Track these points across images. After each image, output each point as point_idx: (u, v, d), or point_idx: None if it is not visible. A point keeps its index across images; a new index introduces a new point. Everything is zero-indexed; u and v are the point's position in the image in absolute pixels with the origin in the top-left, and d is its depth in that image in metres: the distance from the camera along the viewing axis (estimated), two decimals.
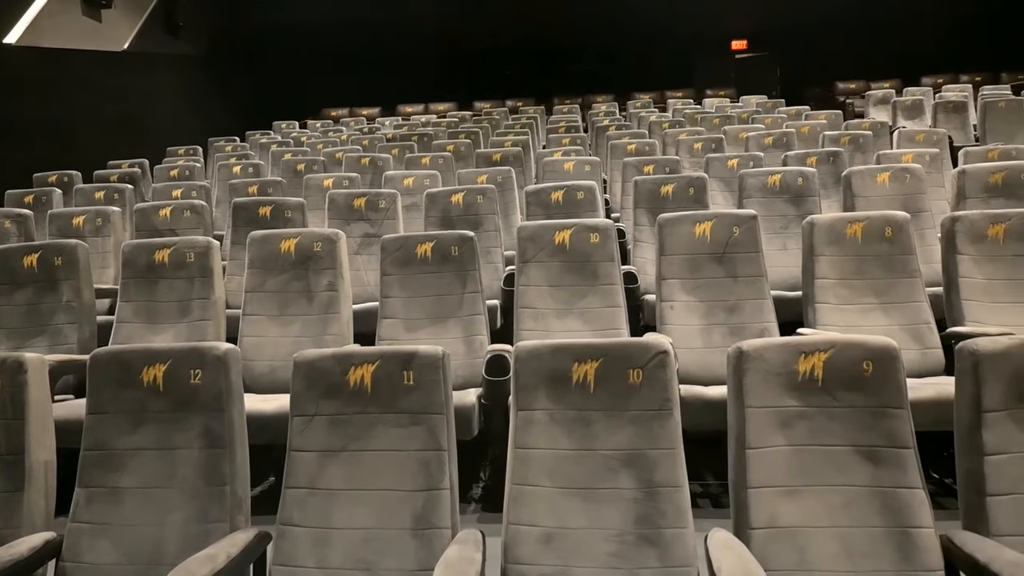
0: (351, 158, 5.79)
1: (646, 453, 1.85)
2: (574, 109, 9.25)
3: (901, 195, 3.86)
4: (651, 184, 3.98)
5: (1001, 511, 1.72)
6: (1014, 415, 1.76)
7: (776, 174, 3.99)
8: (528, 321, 3.01)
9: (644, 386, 1.88)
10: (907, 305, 2.90)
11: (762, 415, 1.83)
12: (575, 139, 6.50)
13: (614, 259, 3.09)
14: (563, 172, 4.94)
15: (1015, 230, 2.98)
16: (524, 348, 1.94)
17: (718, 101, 9.27)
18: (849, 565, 1.71)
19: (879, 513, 1.75)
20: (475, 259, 3.09)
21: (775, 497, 1.78)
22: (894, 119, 7.27)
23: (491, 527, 1.93)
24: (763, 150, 5.37)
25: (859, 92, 9.76)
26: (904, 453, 1.79)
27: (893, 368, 1.82)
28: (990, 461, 1.74)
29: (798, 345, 1.87)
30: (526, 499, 1.85)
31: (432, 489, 1.86)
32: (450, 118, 8.89)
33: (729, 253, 3.01)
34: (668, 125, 6.88)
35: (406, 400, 1.92)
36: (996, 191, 3.84)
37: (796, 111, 7.60)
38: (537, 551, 1.81)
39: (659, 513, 1.80)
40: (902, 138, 5.51)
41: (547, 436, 1.89)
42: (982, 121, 6.60)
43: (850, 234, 2.99)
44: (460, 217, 4.01)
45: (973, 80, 9.63)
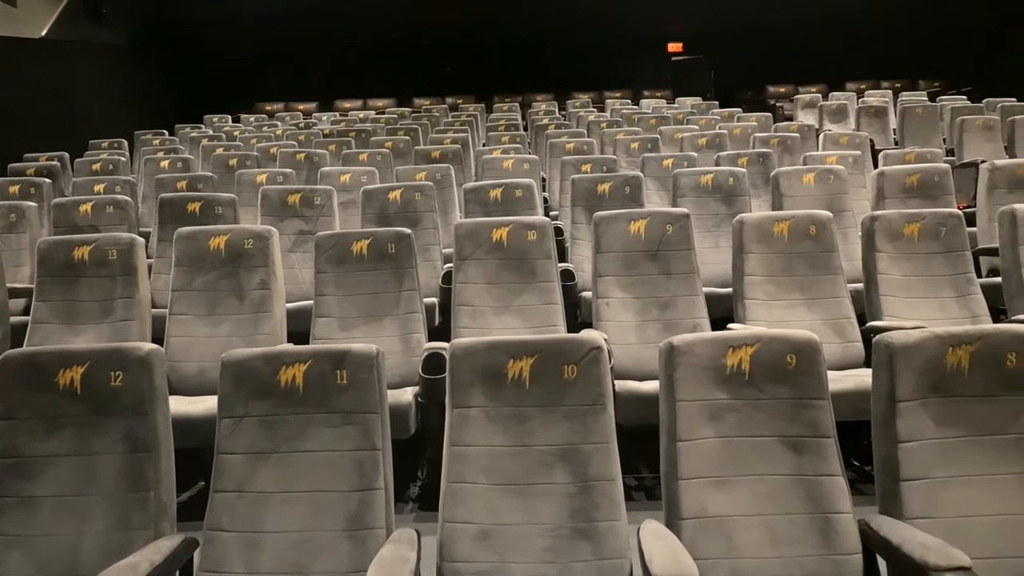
0: (286, 154, 5.66)
1: (580, 448, 1.87)
2: (514, 108, 9.28)
3: (825, 195, 4.01)
4: (588, 183, 4.02)
5: (913, 495, 1.81)
6: (925, 404, 1.85)
7: (708, 174, 4.10)
8: (466, 319, 3.01)
9: (578, 381, 1.90)
10: (830, 301, 3.02)
11: (692, 408, 1.87)
12: (514, 137, 6.52)
13: (551, 256, 3.12)
14: (502, 170, 4.95)
15: (928, 229, 3.14)
16: (459, 345, 1.93)
17: (655, 102, 9.45)
18: (773, 551, 1.77)
19: (802, 500, 1.82)
20: (412, 256, 3.07)
21: (704, 488, 1.83)
22: (821, 122, 7.56)
23: (428, 526, 1.92)
24: (697, 150, 5.50)
25: (788, 96, 10.10)
26: (825, 442, 1.86)
27: (815, 361, 1.90)
28: (903, 448, 1.83)
29: (726, 340, 1.92)
30: (462, 497, 1.85)
31: (366, 489, 1.84)
32: (389, 114, 8.79)
33: (663, 250, 3.08)
34: (606, 125, 6.97)
35: (339, 400, 1.89)
36: (912, 192, 4.05)
37: (729, 113, 7.82)
38: (473, 548, 1.81)
39: (593, 506, 1.83)
40: (827, 141, 5.74)
41: (483, 433, 1.89)
42: (901, 125, 6.94)
43: (777, 232, 3.09)
44: (398, 214, 3.97)
45: (893, 87, 10.11)
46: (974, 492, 1.80)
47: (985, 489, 1.81)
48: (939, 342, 1.87)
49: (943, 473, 1.82)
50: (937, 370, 1.86)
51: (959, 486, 1.81)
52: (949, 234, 3.15)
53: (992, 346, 1.86)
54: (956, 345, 1.86)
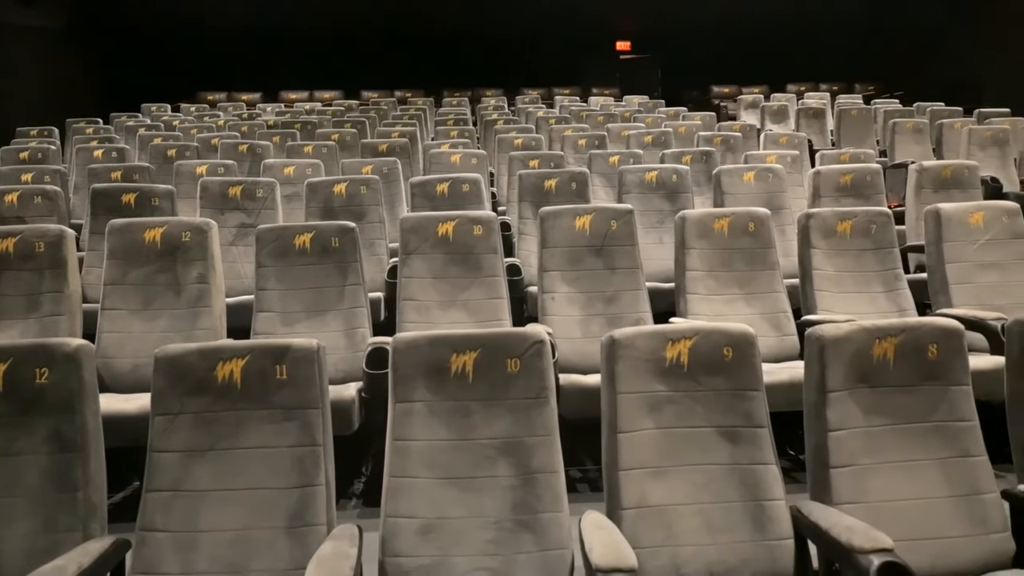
0: (228, 145, 5.51)
1: (523, 441, 1.89)
2: (463, 102, 9.24)
3: (765, 193, 4.13)
4: (535, 178, 4.04)
5: (842, 481, 1.89)
6: (853, 394, 1.93)
7: (653, 171, 4.17)
8: (411, 313, 2.99)
9: (522, 375, 1.91)
10: (767, 295, 3.12)
11: (632, 400, 1.91)
12: (463, 132, 6.50)
13: (497, 251, 3.13)
14: (450, 164, 4.93)
15: (860, 226, 3.27)
16: (402, 340, 1.92)
17: (603, 100, 9.54)
18: (709, 539, 1.82)
19: (737, 488, 1.87)
20: (356, 250, 3.03)
21: (644, 478, 1.87)
22: (762, 122, 7.75)
23: (372, 522, 1.90)
24: (643, 148, 5.58)
25: (732, 96, 10.34)
26: (760, 432, 1.92)
27: (750, 353, 1.95)
28: (833, 437, 1.91)
29: (665, 333, 1.96)
30: (404, 491, 1.84)
31: (307, 486, 1.81)
32: (336, 106, 8.65)
33: (607, 246, 3.12)
34: (555, 121, 7.01)
35: (279, 395, 1.86)
36: (846, 190, 4.20)
37: (675, 112, 7.95)
38: (415, 543, 1.80)
39: (536, 498, 1.84)
40: (768, 140, 5.90)
41: (426, 427, 1.89)
42: (837, 127, 7.18)
43: (717, 228, 3.17)
44: (343, 208, 3.91)
45: (831, 89, 10.46)
46: (898, 478, 1.89)
47: (908, 475, 1.90)
48: (866, 335, 1.95)
49: (869, 460, 1.90)
50: (864, 361, 1.94)
51: (884, 472, 1.90)
52: (879, 231, 3.28)
53: (915, 338, 1.95)
54: (882, 337, 1.95)
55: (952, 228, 3.26)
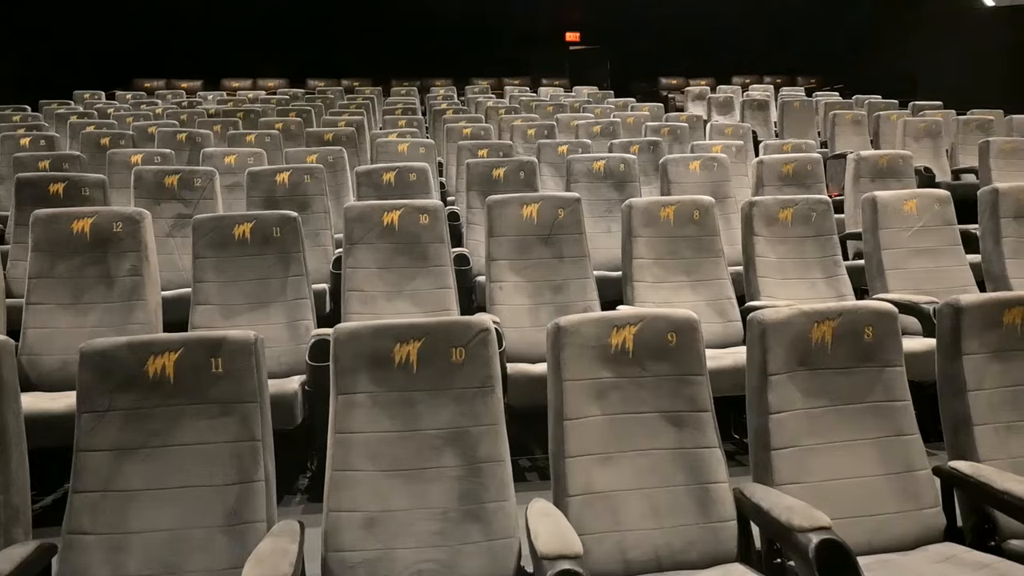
0: (165, 133, 5.31)
1: (469, 430, 1.87)
2: (412, 92, 9.13)
3: (710, 182, 4.19)
4: (483, 167, 4.01)
5: (784, 463, 1.92)
6: (793, 377, 1.97)
7: (601, 160, 4.18)
8: (356, 304, 2.93)
9: (467, 364, 1.89)
10: (712, 282, 3.16)
11: (578, 387, 1.90)
12: (411, 121, 6.42)
13: (444, 240, 3.09)
14: (397, 154, 4.86)
15: (800, 214, 3.34)
16: (343, 330, 1.88)
17: (553, 90, 9.56)
18: (655, 523, 1.84)
19: (682, 472, 1.89)
20: (299, 241, 2.96)
21: (591, 464, 1.87)
22: (709, 113, 7.87)
23: (317, 517, 1.85)
24: (592, 138, 5.60)
25: (680, 88, 10.47)
26: (703, 416, 1.94)
27: (693, 339, 1.97)
28: (774, 419, 1.94)
29: (611, 320, 1.96)
30: (348, 484, 1.80)
31: (245, 482, 1.76)
32: (281, 95, 8.44)
33: (555, 234, 3.11)
34: (504, 111, 6.98)
35: (215, 389, 1.79)
36: (788, 180, 4.29)
37: (623, 103, 8.01)
38: (359, 536, 1.77)
39: (482, 488, 1.83)
40: (713, 131, 5.99)
41: (369, 419, 1.85)
42: (781, 118, 7.34)
43: (664, 217, 3.19)
44: (286, 198, 3.81)
45: (775, 82, 10.67)
46: (836, 457, 1.93)
47: (845, 454, 1.94)
48: (805, 318, 1.98)
49: (809, 441, 1.94)
50: (804, 344, 1.97)
51: (823, 452, 1.94)
52: (819, 219, 3.35)
53: (852, 321, 2.00)
54: (820, 321, 1.99)
55: (887, 216, 3.36)
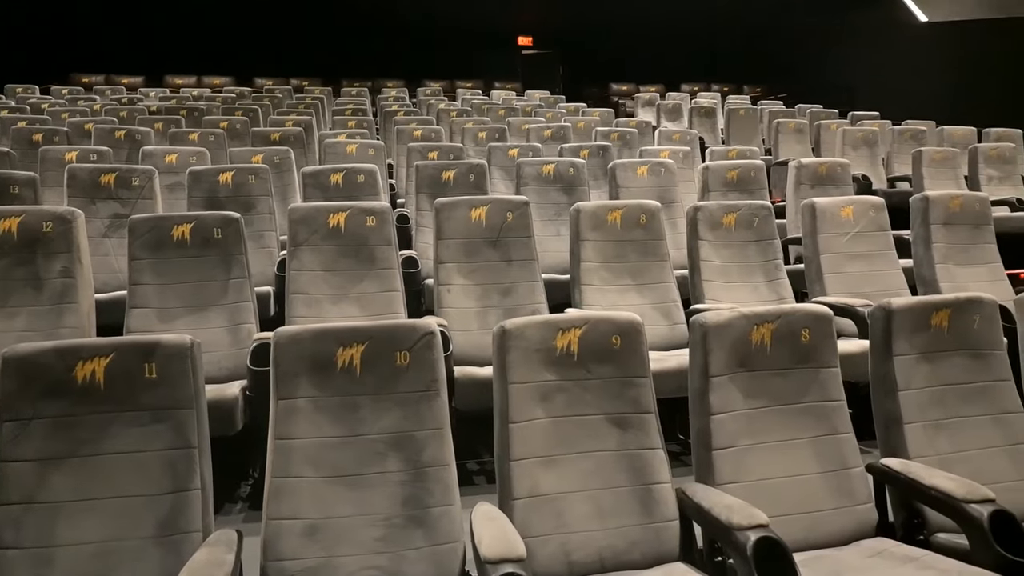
0: (103, 130, 5.13)
1: (414, 435, 1.85)
2: (363, 93, 9.03)
3: (657, 187, 4.25)
4: (433, 169, 3.99)
5: (724, 463, 1.96)
6: (734, 378, 2.01)
7: (550, 164, 4.20)
8: (300, 307, 2.88)
9: (411, 368, 1.87)
10: (658, 286, 3.21)
11: (524, 390, 1.90)
12: (362, 123, 6.34)
13: (391, 243, 3.06)
14: (346, 155, 4.79)
15: (743, 219, 3.42)
16: (284, 334, 1.84)
17: (505, 94, 9.58)
18: (599, 524, 1.85)
19: (625, 473, 1.91)
20: (241, 242, 2.88)
21: (535, 467, 1.87)
22: (658, 120, 8.01)
23: (257, 526, 1.81)
24: (542, 142, 5.62)
25: (630, 94, 10.62)
26: (647, 418, 1.97)
27: (637, 341, 1.99)
28: (715, 420, 1.98)
29: (556, 323, 1.97)
30: (288, 492, 1.76)
31: (180, 491, 1.71)
32: (226, 93, 8.24)
33: (504, 237, 3.11)
34: (456, 114, 6.97)
35: (148, 396, 1.73)
36: (732, 185, 4.38)
37: (575, 107, 8.09)
38: (300, 544, 1.73)
39: (427, 493, 1.81)
40: (662, 137, 6.09)
41: (311, 424, 1.81)
42: (727, 125, 7.52)
43: (611, 220, 3.23)
44: (229, 198, 3.72)
45: (722, 90, 10.93)
46: (774, 456, 1.98)
47: (783, 453, 1.99)
48: (745, 321, 2.03)
49: (749, 441, 1.98)
50: (744, 346, 2.02)
51: (762, 452, 1.98)
52: (761, 224, 3.44)
53: (789, 324, 2.05)
54: (760, 323, 2.03)
55: (825, 221, 3.47)
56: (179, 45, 10.51)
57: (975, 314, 2.18)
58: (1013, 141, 6.19)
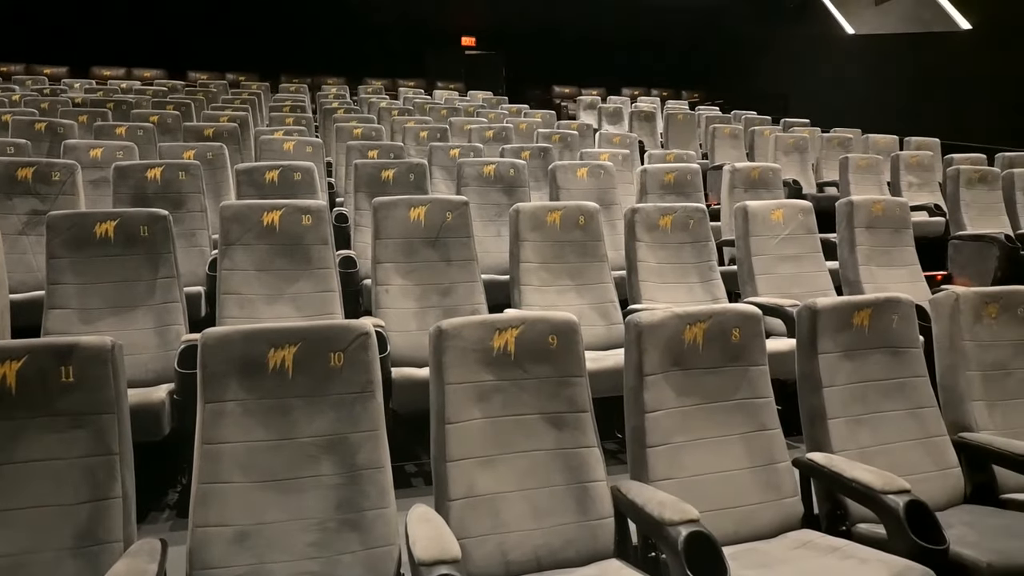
0: (22, 122, 4.88)
1: (348, 437, 1.82)
2: (302, 89, 8.85)
3: (597, 188, 4.30)
4: (372, 168, 3.94)
5: (658, 460, 1.99)
6: (668, 377, 2.05)
7: (491, 164, 4.20)
8: (232, 308, 2.80)
9: (345, 369, 1.84)
10: (596, 286, 3.24)
11: (460, 391, 1.90)
12: (300, 120, 6.22)
13: (328, 242, 3.00)
14: (283, 152, 4.69)
15: (679, 221, 3.49)
16: (212, 335, 1.78)
17: (447, 94, 9.55)
18: (535, 523, 1.85)
19: (561, 472, 1.92)
20: (169, 240, 2.78)
21: (472, 468, 1.86)
22: (599, 123, 8.11)
23: (185, 534, 1.74)
24: (484, 142, 5.63)
25: (572, 97, 10.73)
26: (583, 417, 1.98)
27: (574, 341, 2.01)
28: (650, 418, 2.01)
29: (493, 323, 1.97)
30: (216, 498, 1.71)
31: (99, 499, 1.64)
32: (158, 86, 7.95)
33: (443, 237, 3.10)
34: (398, 113, 6.90)
35: (64, 400, 1.66)
36: (669, 188, 4.47)
37: (517, 109, 8.12)
38: (229, 552, 1.68)
39: (361, 496, 1.78)
40: (602, 139, 6.17)
41: (240, 428, 1.76)
42: (666, 129, 7.67)
43: (550, 221, 3.25)
44: (158, 195, 3.58)
45: (662, 95, 11.16)
46: (706, 453, 2.03)
47: (715, 449, 2.04)
48: (678, 321, 2.07)
49: (682, 438, 2.03)
50: (677, 345, 2.06)
51: (694, 448, 2.03)
52: (696, 226, 3.52)
53: (721, 323, 2.11)
54: (692, 323, 2.08)
55: (757, 224, 3.57)
56: (108, 35, 10.08)
57: (894, 313, 2.29)
58: (931, 150, 6.52)
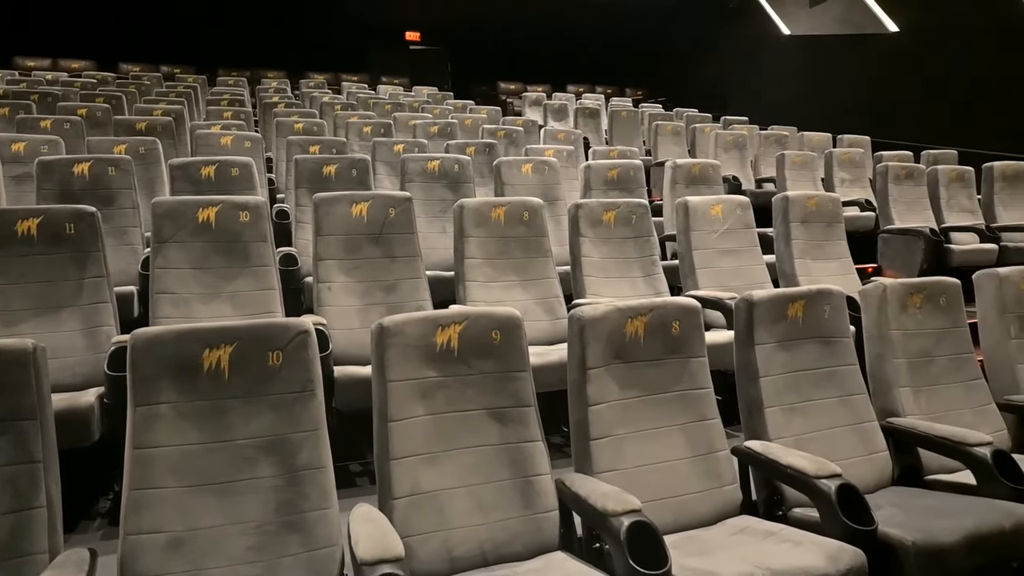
0: None
1: (288, 437, 1.78)
2: (241, 83, 8.62)
3: (541, 184, 4.32)
4: (313, 163, 3.87)
5: (601, 452, 2.02)
6: (610, 370, 2.07)
7: (435, 160, 4.18)
8: (166, 308, 2.70)
9: (285, 368, 1.80)
10: (541, 281, 3.26)
11: (403, 388, 1.88)
12: (239, 114, 6.05)
13: (267, 239, 2.93)
14: (220, 147, 4.56)
15: (622, 216, 3.54)
16: (142, 335, 1.72)
17: (392, 89, 9.44)
18: (481, 518, 1.85)
19: (506, 467, 1.92)
20: (97, 238, 2.67)
21: (416, 465, 1.85)
22: (545, 119, 8.15)
23: (117, 543, 1.68)
24: (429, 138, 5.59)
25: (518, 93, 10.76)
26: (527, 411, 1.99)
27: (517, 336, 2.01)
28: (593, 411, 2.03)
29: (435, 319, 1.96)
30: (149, 504, 1.65)
31: (22, 510, 1.56)
32: (87, 78, 7.62)
33: (386, 234, 3.06)
34: (340, 107, 6.79)
35: None
36: (613, 184, 4.53)
37: (462, 104, 8.09)
38: (163, 559, 1.63)
39: (302, 497, 1.75)
40: (547, 136, 6.20)
41: (173, 432, 1.71)
42: (610, 126, 7.76)
43: (495, 217, 3.25)
44: (86, 191, 3.44)
45: (606, 92, 11.29)
46: (648, 444, 2.06)
47: (656, 440, 2.08)
48: (620, 314, 2.10)
49: (624, 430, 2.06)
50: (619, 339, 2.09)
51: (637, 440, 2.06)
52: (638, 221, 3.57)
53: (661, 316, 2.14)
54: (634, 316, 2.11)
55: (697, 219, 3.65)
56: (32, 23, 9.60)
57: (825, 305, 2.37)
58: (862, 147, 6.78)
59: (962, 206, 5.38)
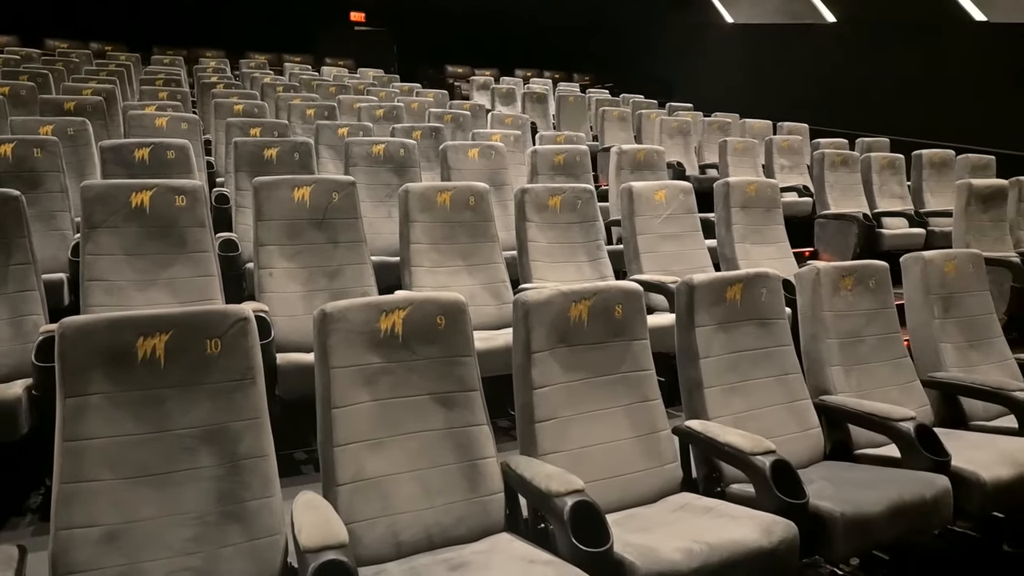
0: None
1: (228, 426, 1.75)
2: (178, 62, 8.31)
3: (488, 169, 4.31)
4: (253, 146, 3.77)
5: (546, 434, 2.05)
6: (554, 353, 2.10)
7: (380, 144, 4.12)
8: (99, 295, 2.61)
9: (223, 356, 1.76)
10: (488, 267, 3.26)
11: (347, 374, 1.87)
12: (175, 94, 5.85)
13: (205, 224, 2.85)
14: (155, 128, 4.40)
15: (567, 201, 3.56)
16: (71, 324, 1.66)
17: (336, 70, 9.25)
18: (427, 503, 1.86)
19: (452, 451, 1.93)
20: (22, 224, 2.55)
21: (360, 451, 1.84)
22: (492, 103, 8.11)
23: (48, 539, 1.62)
24: (374, 121, 5.51)
25: (465, 77, 10.67)
26: (472, 395, 2.00)
27: (462, 321, 2.02)
28: (538, 393, 2.06)
29: (379, 304, 1.94)
30: (81, 497, 1.60)
31: None
32: (8, 54, 7.22)
33: (329, 219, 3.01)
34: (283, 89, 6.62)
35: None
36: (560, 169, 4.55)
37: (409, 88, 7.98)
38: (97, 553, 1.58)
39: (243, 486, 1.72)
40: (494, 120, 6.18)
41: (107, 423, 1.65)
42: (558, 111, 7.78)
43: (440, 202, 3.23)
44: (10, 174, 3.26)
45: (554, 77, 11.29)
46: (591, 425, 2.10)
47: (599, 422, 2.12)
48: (564, 298, 2.12)
49: (569, 412, 2.09)
50: (563, 322, 2.11)
51: (581, 422, 2.10)
52: (584, 206, 3.61)
53: (604, 300, 2.18)
54: (578, 300, 2.14)
55: (641, 204, 3.71)
56: None
57: (763, 287, 2.44)
58: (800, 134, 6.97)
59: (893, 192, 5.60)
